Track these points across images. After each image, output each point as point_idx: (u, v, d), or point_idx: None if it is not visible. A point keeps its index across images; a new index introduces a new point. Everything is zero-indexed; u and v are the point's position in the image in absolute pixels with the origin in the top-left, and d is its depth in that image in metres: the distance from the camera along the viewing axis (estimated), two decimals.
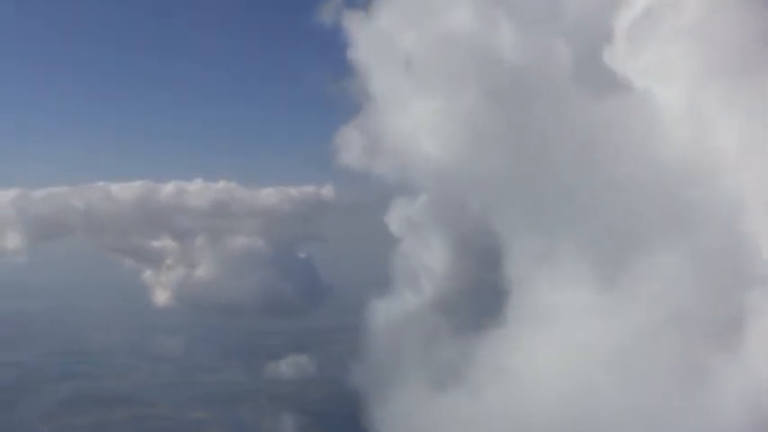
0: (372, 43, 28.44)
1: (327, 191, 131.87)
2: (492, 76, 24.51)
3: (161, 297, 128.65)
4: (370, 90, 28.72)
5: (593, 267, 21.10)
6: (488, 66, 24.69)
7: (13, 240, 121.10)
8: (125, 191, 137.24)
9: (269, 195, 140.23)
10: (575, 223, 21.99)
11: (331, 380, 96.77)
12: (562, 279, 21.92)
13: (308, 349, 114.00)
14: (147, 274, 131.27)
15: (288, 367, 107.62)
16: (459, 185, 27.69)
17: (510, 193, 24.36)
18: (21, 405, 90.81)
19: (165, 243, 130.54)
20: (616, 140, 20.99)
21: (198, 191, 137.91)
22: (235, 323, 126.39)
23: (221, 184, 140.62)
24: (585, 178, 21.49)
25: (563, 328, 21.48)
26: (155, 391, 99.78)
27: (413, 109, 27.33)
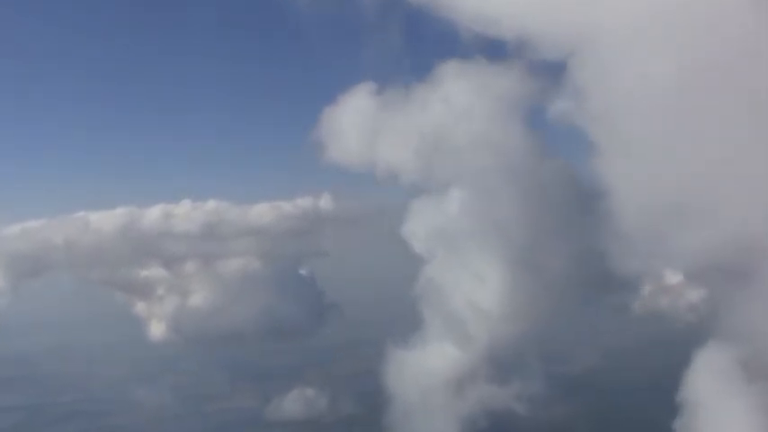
0: None
1: (325, 201, 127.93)
2: None
3: (156, 329, 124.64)
4: None
5: None
6: None
7: None
8: (107, 220, 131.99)
9: (262, 212, 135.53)
10: None
11: (342, 403, 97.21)
12: None
13: (316, 372, 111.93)
14: (140, 305, 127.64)
15: (297, 392, 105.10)
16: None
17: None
18: None
19: (154, 272, 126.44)
20: None
21: (186, 213, 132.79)
22: (237, 349, 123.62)
23: (211, 204, 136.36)
24: None
25: None
26: (163, 426, 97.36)
27: None
